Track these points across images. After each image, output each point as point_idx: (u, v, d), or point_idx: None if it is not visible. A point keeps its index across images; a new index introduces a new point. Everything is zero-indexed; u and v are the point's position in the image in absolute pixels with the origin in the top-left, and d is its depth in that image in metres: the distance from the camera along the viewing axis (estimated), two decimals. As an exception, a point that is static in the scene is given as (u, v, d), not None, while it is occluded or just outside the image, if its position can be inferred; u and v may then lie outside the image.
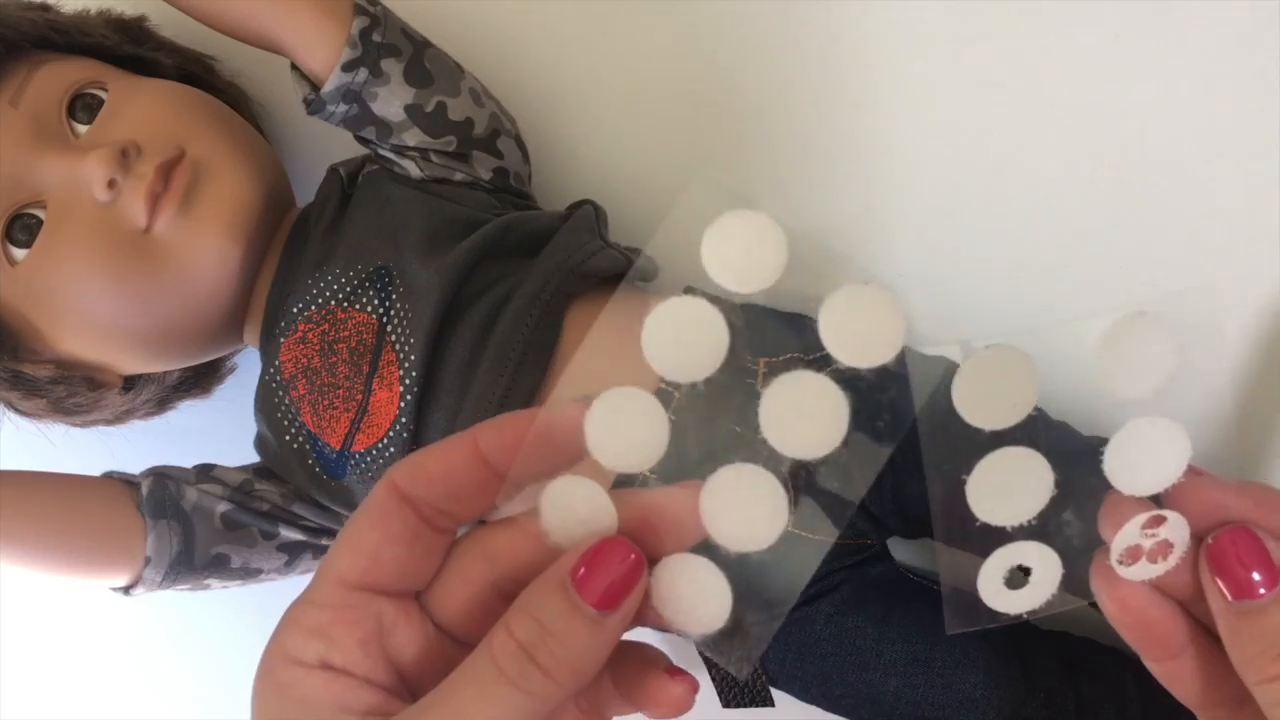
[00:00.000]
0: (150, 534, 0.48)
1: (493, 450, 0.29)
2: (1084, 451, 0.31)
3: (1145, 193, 0.52)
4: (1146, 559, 0.31)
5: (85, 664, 0.68)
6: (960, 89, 0.53)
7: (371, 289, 0.48)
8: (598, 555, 0.27)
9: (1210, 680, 0.32)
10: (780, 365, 0.49)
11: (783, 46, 0.54)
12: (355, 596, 0.29)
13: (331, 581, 0.29)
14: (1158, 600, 0.32)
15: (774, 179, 0.56)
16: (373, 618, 0.29)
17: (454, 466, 0.29)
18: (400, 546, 0.29)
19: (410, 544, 0.29)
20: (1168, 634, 0.32)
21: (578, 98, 0.57)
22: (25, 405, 0.50)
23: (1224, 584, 0.30)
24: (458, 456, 0.29)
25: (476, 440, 0.29)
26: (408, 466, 0.29)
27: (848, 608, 0.47)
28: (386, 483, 0.29)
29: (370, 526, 0.29)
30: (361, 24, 0.49)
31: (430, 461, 0.29)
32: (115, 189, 0.46)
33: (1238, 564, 0.30)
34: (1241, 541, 0.30)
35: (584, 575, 0.27)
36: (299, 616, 0.29)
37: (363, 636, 0.28)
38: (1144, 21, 0.51)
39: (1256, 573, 0.30)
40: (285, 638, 0.29)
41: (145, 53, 0.53)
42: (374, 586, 0.29)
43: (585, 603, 0.27)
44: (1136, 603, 0.32)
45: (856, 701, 0.48)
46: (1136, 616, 0.32)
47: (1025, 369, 0.30)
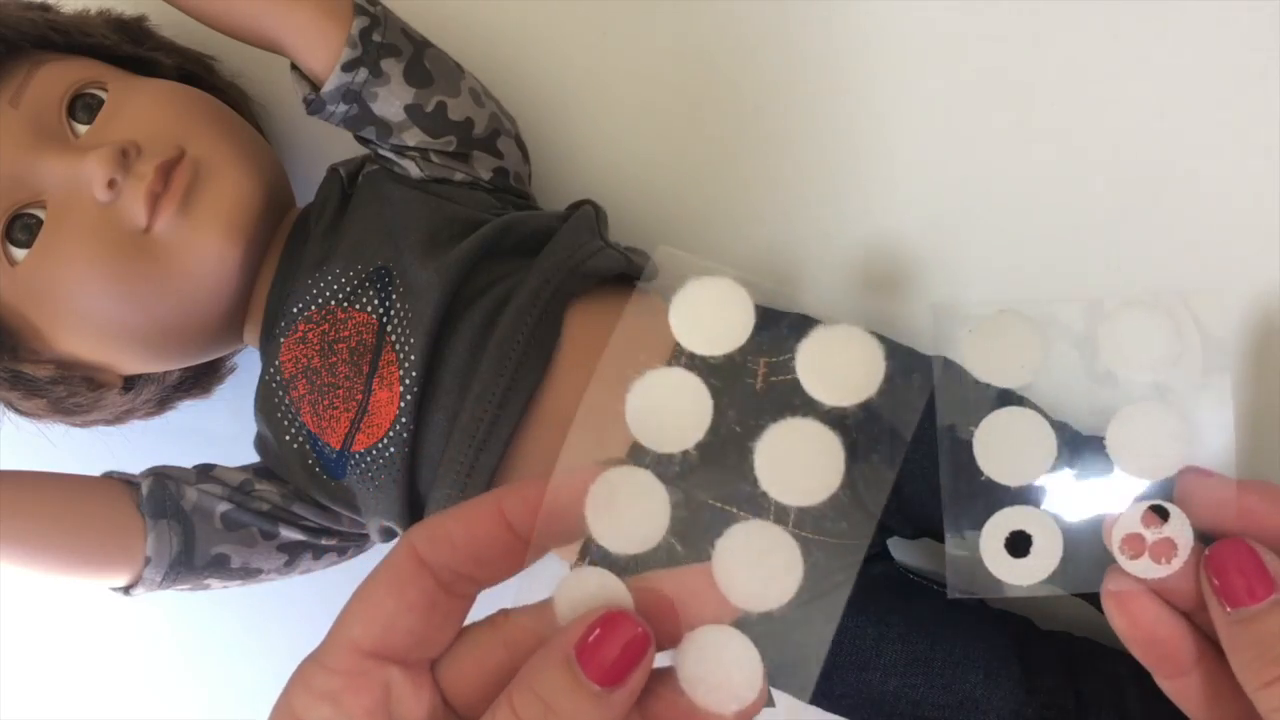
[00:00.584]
0: (150, 534, 0.48)
1: (517, 516, 0.28)
2: (1089, 436, 0.32)
3: (1145, 192, 0.52)
4: (1150, 557, 0.31)
5: (85, 664, 0.68)
6: (961, 89, 0.53)
7: (371, 289, 0.48)
8: (603, 628, 0.27)
9: (1219, 698, 0.32)
10: (780, 365, 0.49)
11: (782, 46, 0.54)
12: (367, 663, 0.28)
13: (345, 647, 0.28)
14: (1167, 617, 0.32)
15: (773, 179, 0.56)
16: (382, 685, 0.28)
17: (478, 532, 0.28)
18: (417, 615, 0.28)
19: (427, 612, 0.29)
20: (1176, 651, 0.32)
21: (578, 98, 0.57)
22: (25, 405, 0.50)
23: (1221, 593, 0.31)
24: (482, 522, 0.28)
25: (501, 505, 0.28)
26: (428, 531, 0.29)
27: (848, 608, 0.47)
28: (406, 547, 0.28)
29: (387, 593, 0.28)
30: (361, 24, 0.48)
31: (453, 526, 0.29)
32: (115, 189, 0.46)
33: (1234, 573, 0.31)
34: (1237, 551, 0.31)
35: (588, 649, 0.27)
36: (310, 678, 0.28)
37: (370, 705, 0.28)
38: (1144, 21, 0.51)
39: (1251, 582, 0.30)
40: (295, 698, 0.28)
41: (145, 53, 0.52)
42: (387, 654, 0.28)
43: (589, 679, 0.26)
44: (1146, 619, 0.32)
45: (856, 701, 0.48)
46: (1146, 633, 0.32)
47: (1033, 331, 0.31)
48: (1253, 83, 0.50)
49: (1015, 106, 0.53)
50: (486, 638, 0.29)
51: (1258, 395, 0.52)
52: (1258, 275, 0.51)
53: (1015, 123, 0.53)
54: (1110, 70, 0.51)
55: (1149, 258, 0.52)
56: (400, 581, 0.28)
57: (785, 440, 0.28)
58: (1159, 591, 0.32)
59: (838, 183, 0.55)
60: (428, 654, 0.29)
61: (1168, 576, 0.31)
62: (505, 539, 0.28)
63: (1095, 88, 0.52)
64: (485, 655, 0.29)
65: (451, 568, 0.28)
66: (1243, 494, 0.31)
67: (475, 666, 0.29)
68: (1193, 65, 0.51)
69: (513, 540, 0.28)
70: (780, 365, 0.48)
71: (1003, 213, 0.54)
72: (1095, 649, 0.50)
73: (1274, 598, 0.30)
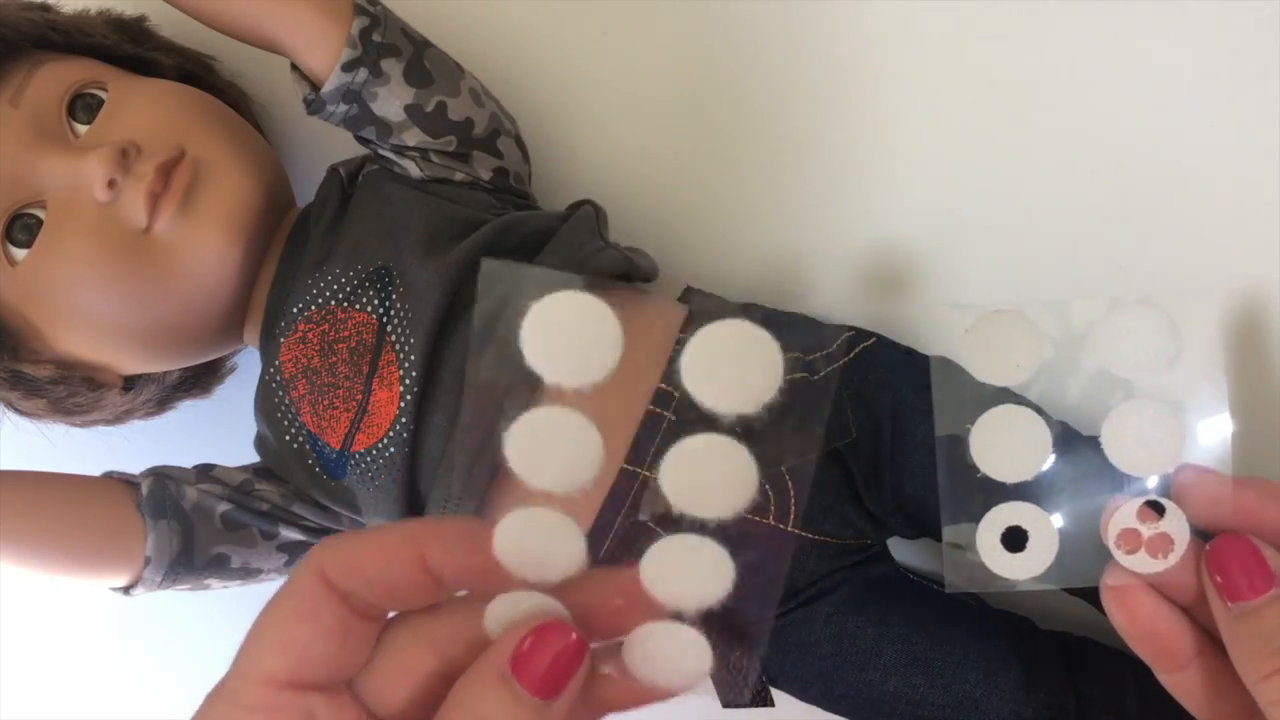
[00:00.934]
0: (150, 534, 0.48)
1: (438, 563, 0.27)
2: (1087, 436, 0.32)
3: (1146, 192, 0.52)
4: (1147, 551, 0.32)
5: (85, 664, 0.68)
6: (961, 89, 0.53)
7: (371, 289, 0.48)
8: (536, 641, 0.26)
9: (1218, 691, 0.32)
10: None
11: (783, 46, 0.54)
12: (285, 696, 0.27)
13: (258, 681, 0.27)
14: (1165, 612, 0.32)
15: (774, 178, 0.56)
16: (304, 717, 0.27)
17: (393, 570, 0.27)
18: (331, 641, 0.27)
19: (341, 638, 0.27)
20: (1175, 645, 0.32)
21: (578, 98, 0.57)
22: (25, 405, 0.50)
23: (1222, 587, 0.31)
24: (399, 561, 0.27)
25: (422, 549, 0.27)
26: (338, 558, 0.27)
27: (848, 608, 0.47)
28: (315, 572, 0.27)
29: (297, 619, 0.27)
30: (361, 24, 0.48)
31: (367, 558, 0.27)
32: (115, 189, 0.46)
33: (1235, 568, 0.31)
34: (1238, 547, 0.31)
35: (523, 662, 0.26)
36: (222, 718, 0.27)
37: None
38: (1144, 21, 0.51)
39: (1252, 576, 0.30)
40: None
41: (145, 53, 0.52)
42: (303, 683, 0.27)
43: (527, 691, 0.25)
44: (1145, 614, 0.32)
45: (856, 702, 0.48)
46: (1144, 628, 0.32)
47: (1028, 331, 0.31)
48: (1253, 83, 0.50)
49: (1016, 106, 0.53)
50: (409, 642, 0.28)
51: (1255, 394, 0.52)
52: (1258, 275, 0.51)
53: (1016, 123, 0.53)
54: (1110, 70, 0.51)
55: (1149, 258, 0.52)
56: (312, 607, 0.27)
57: (690, 461, 0.27)
58: (1157, 586, 0.32)
59: (839, 182, 0.55)
60: (345, 676, 0.28)
61: (1165, 571, 0.32)
62: (421, 581, 0.27)
63: (1097, 88, 0.52)
64: (412, 662, 0.28)
65: (362, 596, 0.27)
66: (1238, 490, 0.32)
67: (403, 674, 0.28)
68: (1193, 65, 0.51)
69: (429, 582, 0.27)
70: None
71: (1005, 213, 0.54)
72: (1095, 649, 0.50)
73: (1274, 592, 0.30)
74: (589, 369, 0.27)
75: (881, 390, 0.48)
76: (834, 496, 0.47)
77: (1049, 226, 0.53)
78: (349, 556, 0.27)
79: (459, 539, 0.27)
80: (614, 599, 0.27)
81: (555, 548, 0.27)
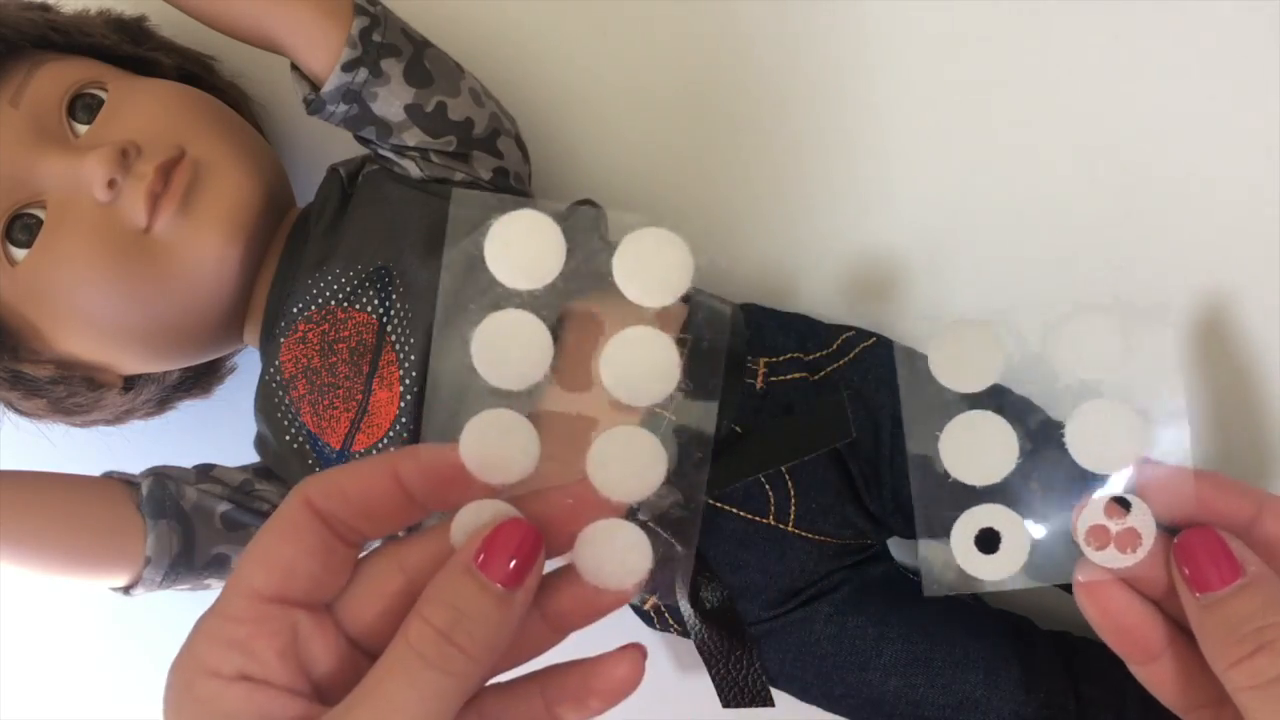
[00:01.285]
0: (150, 534, 0.48)
1: (411, 479, 0.30)
2: (1049, 425, 0.33)
3: (1146, 192, 0.52)
4: (1115, 546, 0.33)
5: (85, 664, 0.68)
6: (960, 89, 0.53)
7: (371, 289, 0.48)
8: (497, 537, 0.30)
9: (1190, 681, 0.33)
10: (781, 365, 0.49)
11: (783, 45, 0.54)
12: (271, 609, 0.30)
13: (246, 594, 0.30)
14: (1136, 606, 0.33)
15: (773, 177, 0.56)
16: (289, 629, 0.30)
17: (371, 489, 0.30)
18: (314, 560, 0.30)
19: (324, 557, 0.30)
20: (1146, 637, 0.33)
21: (578, 97, 0.57)
22: (25, 405, 0.50)
23: (1190, 579, 0.32)
24: (376, 480, 0.30)
25: (395, 465, 0.30)
26: (323, 483, 0.30)
27: (847, 608, 0.47)
28: (300, 497, 0.30)
29: (283, 540, 0.30)
30: (361, 24, 0.48)
31: (347, 481, 0.30)
32: (115, 189, 0.46)
33: (1202, 560, 0.32)
34: (1204, 539, 0.32)
35: (486, 557, 0.29)
36: (213, 630, 0.29)
37: (281, 648, 0.29)
38: (1144, 21, 0.51)
39: (1219, 567, 0.32)
40: (201, 651, 0.29)
41: (145, 53, 0.52)
42: (288, 599, 0.30)
43: (492, 580, 0.29)
44: (1116, 608, 0.33)
45: (856, 702, 0.48)
46: (1116, 621, 0.33)
47: (989, 339, 0.33)
48: (1253, 83, 0.50)
49: (1016, 106, 0.53)
50: (381, 568, 0.31)
51: (1260, 396, 0.52)
52: (1258, 276, 0.51)
53: (1016, 123, 0.53)
54: (1110, 71, 0.52)
55: (1149, 257, 0.53)
56: (296, 528, 0.30)
57: (627, 348, 0.33)
58: (1127, 580, 0.33)
59: (839, 181, 0.55)
60: (325, 597, 0.31)
61: (1134, 565, 0.33)
62: (397, 498, 0.30)
63: (1096, 89, 0.52)
64: (383, 583, 0.31)
65: (343, 519, 0.30)
66: (1199, 484, 0.33)
67: (374, 595, 0.31)
68: (1193, 66, 0.51)
69: (404, 500, 0.30)
70: (780, 365, 0.48)
71: (1002, 212, 0.54)
72: (1095, 648, 0.50)
73: (1240, 582, 0.31)
74: (537, 274, 0.33)
75: (881, 390, 0.48)
76: (834, 496, 0.47)
77: (1049, 226, 0.53)
78: (331, 481, 0.30)
79: (427, 454, 0.30)
80: (566, 501, 0.31)
81: (512, 444, 0.31)
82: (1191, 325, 0.52)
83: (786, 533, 0.46)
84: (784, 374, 0.48)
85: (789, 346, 0.49)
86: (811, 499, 0.46)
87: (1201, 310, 0.52)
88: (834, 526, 0.47)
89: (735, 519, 0.45)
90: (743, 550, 0.46)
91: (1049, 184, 0.53)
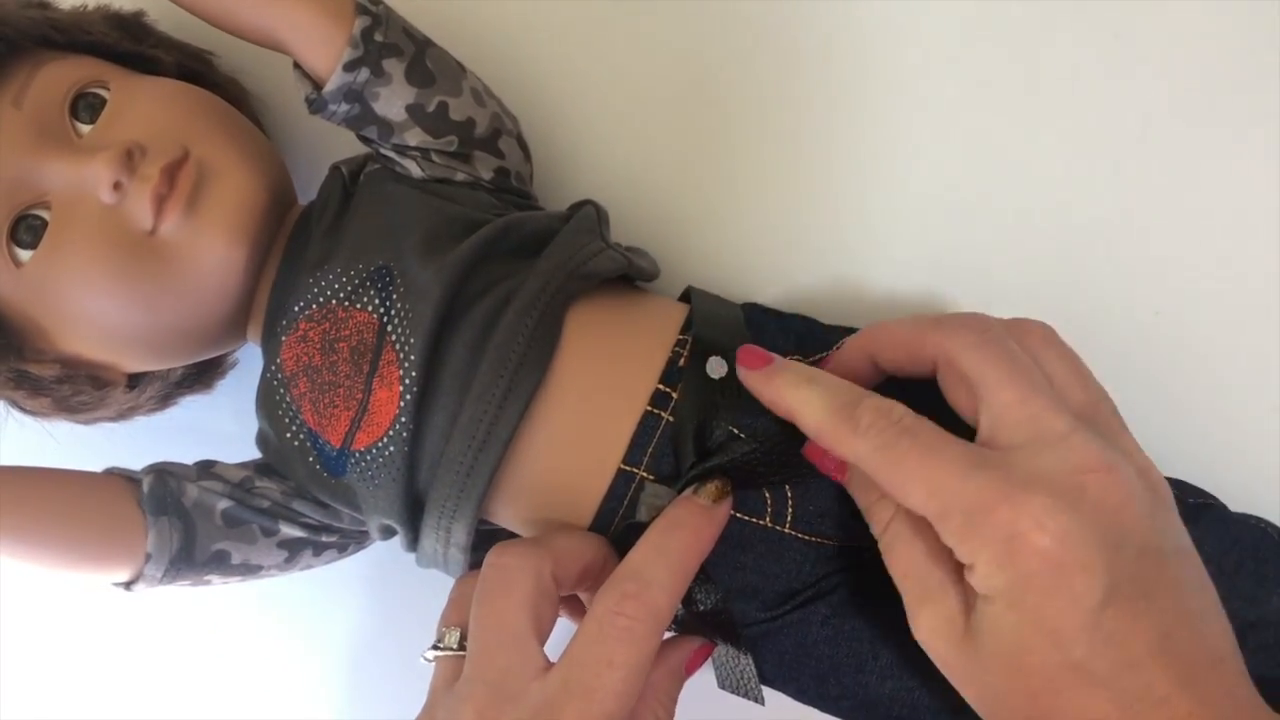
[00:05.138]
0: (151, 530, 0.48)
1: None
2: None
3: (1146, 193, 0.52)
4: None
5: (85, 663, 0.69)
6: (960, 89, 0.53)
7: (372, 288, 0.48)
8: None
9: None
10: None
11: (784, 46, 0.54)
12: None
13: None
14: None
15: (773, 178, 0.56)
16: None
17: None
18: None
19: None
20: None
21: (579, 97, 0.57)
22: (30, 404, 0.50)
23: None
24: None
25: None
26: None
27: (845, 610, 0.47)
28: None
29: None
30: (363, 23, 0.49)
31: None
32: (120, 191, 0.46)
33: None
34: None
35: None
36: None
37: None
38: (1144, 21, 0.51)
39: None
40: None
41: (145, 50, 0.52)
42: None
43: None
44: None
45: (853, 704, 0.48)
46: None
47: None
48: (1253, 83, 0.50)
49: (1015, 107, 0.53)
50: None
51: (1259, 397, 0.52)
52: (1257, 276, 0.51)
53: (1015, 123, 0.53)
54: (1110, 71, 0.51)
55: (1149, 257, 0.53)
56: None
57: None
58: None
59: (839, 182, 0.55)
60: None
61: None
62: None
63: (1096, 89, 0.52)
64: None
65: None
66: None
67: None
68: (1193, 66, 0.51)
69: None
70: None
71: (1002, 212, 0.54)
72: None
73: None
74: None
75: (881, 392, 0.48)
76: (831, 499, 0.47)
77: (1050, 226, 0.53)
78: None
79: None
80: None
81: None
82: (1191, 325, 0.53)
83: (784, 534, 0.46)
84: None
85: (789, 347, 0.50)
86: (809, 501, 0.46)
87: (1201, 310, 0.52)
88: (831, 529, 0.47)
89: (732, 520, 0.46)
90: (739, 551, 0.46)
91: (1049, 184, 0.53)
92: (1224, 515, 0.47)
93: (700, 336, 0.47)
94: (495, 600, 0.42)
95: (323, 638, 0.65)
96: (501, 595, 0.42)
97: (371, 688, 0.65)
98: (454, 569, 0.49)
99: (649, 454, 0.46)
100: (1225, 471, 0.51)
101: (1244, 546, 0.45)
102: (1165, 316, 0.53)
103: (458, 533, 0.47)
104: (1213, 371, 0.53)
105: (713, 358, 0.46)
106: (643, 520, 0.45)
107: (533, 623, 0.41)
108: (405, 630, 0.63)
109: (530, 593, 0.41)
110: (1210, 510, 0.47)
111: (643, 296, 0.51)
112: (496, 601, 0.42)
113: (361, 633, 0.65)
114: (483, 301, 0.47)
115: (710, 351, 0.47)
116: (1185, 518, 0.45)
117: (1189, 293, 0.52)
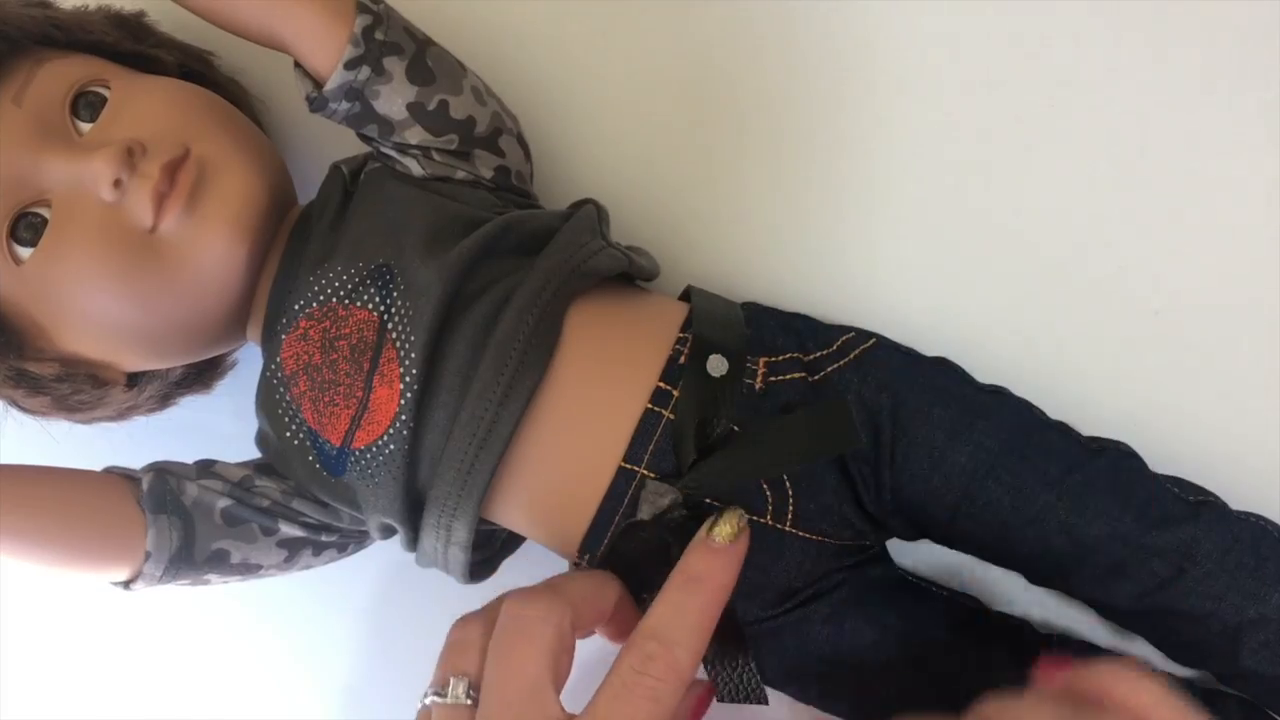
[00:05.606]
0: (150, 529, 0.48)
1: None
2: None
3: (1146, 193, 0.52)
4: None
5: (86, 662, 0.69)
6: (960, 89, 0.53)
7: (373, 286, 0.48)
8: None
9: None
10: (780, 365, 0.49)
11: (784, 46, 0.54)
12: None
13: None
14: None
15: (773, 179, 0.56)
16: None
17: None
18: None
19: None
20: None
21: (580, 96, 0.57)
22: (29, 403, 0.50)
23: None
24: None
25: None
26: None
27: (846, 609, 0.47)
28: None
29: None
30: (364, 22, 0.49)
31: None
32: (121, 188, 0.46)
33: None
34: None
35: None
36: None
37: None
38: (1144, 21, 0.51)
39: None
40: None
41: (146, 49, 0.52)
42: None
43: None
44: None
45: (854, 703, 0.48)
46: None
47: None
48: (1254, 83, 0.50)
49: (1016, 107, 0.53)
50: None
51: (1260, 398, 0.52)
52: (1257, 276, 0.52)
53: (1016, 123, 0.53)
54: (1109, 72, 0.52)
55: (1149, 257, 0.53)
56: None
57: None
58: None
59: (840, 181, 0.55)
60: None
61: None
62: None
63: (1096, 89, 0.52)
64: None
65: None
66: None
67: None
68: (1194, 66, 0.51)
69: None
70: (779, 365, 0.48)
71: (1002, 212, 0.54)
72: (1094, 651, 0.50)
73: None
74: None
75: (882, 392, 0.48)
76: (833, 497, 0.47)
77: (1050, 226, 0.53)
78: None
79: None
80: None
81: None
82: (1192, 325, 0.53)
83: (784, 532, 0.46)
84: (783, 374, 0.48)
85: (789, 346, 0.50)
86: (810, 499, 0.46)
87: (1201, 310, 0.52)
88: (832, 527, 0.47)
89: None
90: (740, 550, 0.46)
91: (1050, 184, 0.53)
92: (1224, 513, 0.47)
93: (700, 335, 0.47)
94: (516, 652, 0.42)
95: (322, 638, 0.65)
96: (523, 646, 0.42)
97: (372, 688, 0.65)
98: (454, 568, 0.49)
99: (650, 452, 0.46)
100: (1225, 470, 0.50)
101: (1244, 544, 0.45)
102: (1165, 316, 0.53)
103: (459, 531, 0.47)
104: (1213, 371, 0.52)
105: (713, 355, 0.46)
106: (643, 518, 0.45)
107: (552, 675, 0.41)
108: (405, 630, 0.63)
109: (551, 645, 0.41)
110: (1210, 508, 0.46)
111: (643, 295, 0.51)
112: (517, 653, 0.42)
113: (361, 633, 0.65)
114: (483, 299, 0.47)
115: (710, 350, 0.47)
116: (1186, 516, 0.45)
117: (1189, 293, 0.52)
